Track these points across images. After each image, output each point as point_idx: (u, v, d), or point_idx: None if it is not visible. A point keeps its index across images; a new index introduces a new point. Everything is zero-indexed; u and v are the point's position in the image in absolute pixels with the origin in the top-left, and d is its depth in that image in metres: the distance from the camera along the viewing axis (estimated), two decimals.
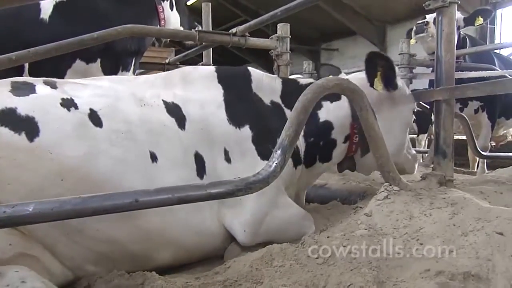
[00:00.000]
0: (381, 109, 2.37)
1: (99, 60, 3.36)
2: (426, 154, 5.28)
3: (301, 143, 2.34)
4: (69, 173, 1.73)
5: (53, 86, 1.97)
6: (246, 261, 1.94)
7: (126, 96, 2.06)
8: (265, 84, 2.40)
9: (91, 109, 1.91)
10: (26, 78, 2.11)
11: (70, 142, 1.78)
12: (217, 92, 2.25)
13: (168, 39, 3.87)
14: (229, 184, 1.71)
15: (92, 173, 1.78)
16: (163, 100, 2.13)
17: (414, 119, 5.92)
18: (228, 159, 2.13)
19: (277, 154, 1.85)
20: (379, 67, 2.32)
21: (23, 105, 1.78)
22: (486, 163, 5.34)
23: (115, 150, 1.86)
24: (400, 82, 2.50)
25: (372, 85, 2.32)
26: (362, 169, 2.61)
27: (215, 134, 2.13)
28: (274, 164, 1.83)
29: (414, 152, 2.80)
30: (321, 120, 2.39)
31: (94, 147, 1.82)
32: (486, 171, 5.08)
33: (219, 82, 2.30)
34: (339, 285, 1.61)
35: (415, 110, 2.75)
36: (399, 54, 4.81)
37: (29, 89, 1.88)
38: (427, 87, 5.42)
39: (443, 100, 2.33)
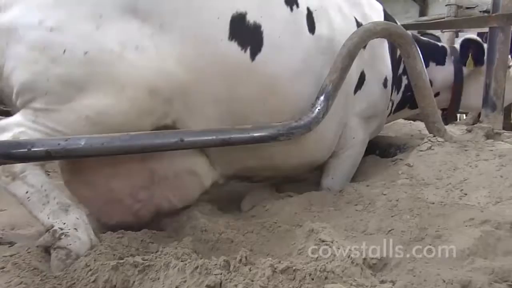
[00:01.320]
0: (471, 79, 2.78)
1: None
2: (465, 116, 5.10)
3: (398, 97, 2.53)
4: (278, 90, 1.75)
5: None
6: (284, 206, 1.97)
7: None
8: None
9: (308, 9, 1.85)
10: None
11: (285, 57, 1.75)
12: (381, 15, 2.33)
13: None
14: (271, 129, 1.71)
15: (293, 91, 1.79)
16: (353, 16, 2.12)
17: None
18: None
19: (320, 100, 1.82)
20: (471, 49, 2.67)
21: (251, 9, 1.66)
22: None
23: (315, 64, 1.85)
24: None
25: (464, 65, 2.72)
26: None
27: None
28: (317, 110, 1.80)
29: None
30: None
31: (304, 60, 1.81)
32: None
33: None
34: (379, 230, 1.61)
35: None
36: (446, 5, 4.54)
37: None
38: None
39: (498, 27, 2.20)
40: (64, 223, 1.39)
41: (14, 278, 1.19)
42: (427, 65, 2.60)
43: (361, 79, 2.12)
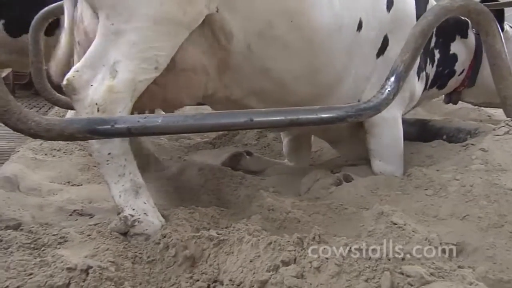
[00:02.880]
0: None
1: None
2: None
3: (432, 71, 2.43)
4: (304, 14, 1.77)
5: None
6: (349, 189, 1.95)
7: None
8: None
9: None
10: None
11: None
12: None
13: None
14: (339, 110, 1.68)
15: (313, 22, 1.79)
16: None
17: None
18: None
19: (390, 81, 1.76)
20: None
21: None
22: None
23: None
24: (507, 27, 2.72)
25: None
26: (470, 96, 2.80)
27: None
28: (387, 91, 1.75)
29: None
30: (451, 52, 2.51)
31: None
32: None
33: None
34: (452, 216, 1.56)
35: None
36: None
37: None
38: None
39: None
40: (134, 209, 1.43)
41: (100, 244, 1.28)
42: (453, 39, 2.49)
43: (384, 44, 2.06)
